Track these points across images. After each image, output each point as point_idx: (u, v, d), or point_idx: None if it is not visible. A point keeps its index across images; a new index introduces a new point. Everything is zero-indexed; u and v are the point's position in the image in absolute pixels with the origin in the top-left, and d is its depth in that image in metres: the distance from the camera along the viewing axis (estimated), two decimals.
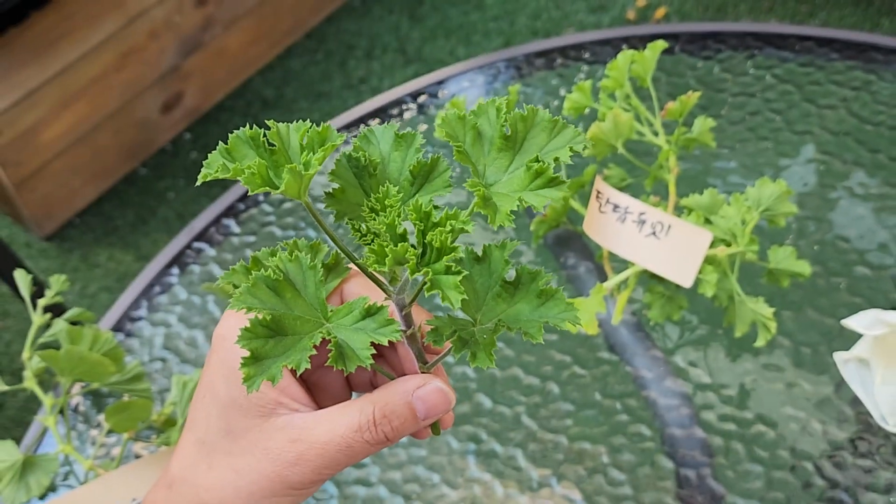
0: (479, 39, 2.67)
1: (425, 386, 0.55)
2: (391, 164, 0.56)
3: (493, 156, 0.54)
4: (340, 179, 0.55)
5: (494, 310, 0.55)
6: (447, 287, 0.48)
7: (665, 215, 0.96)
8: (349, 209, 0.55)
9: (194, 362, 1.08)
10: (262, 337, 0.50)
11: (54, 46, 2.18)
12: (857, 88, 1.19)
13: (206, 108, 2.60)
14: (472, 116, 0.54)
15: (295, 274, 0.52)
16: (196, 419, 0.56)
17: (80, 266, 2.34)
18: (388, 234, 0.51)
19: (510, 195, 0.52)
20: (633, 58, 1.02)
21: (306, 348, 0.50)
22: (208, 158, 0.52)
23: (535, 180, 0.51)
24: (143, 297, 1.15)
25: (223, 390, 0.55)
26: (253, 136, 0.53)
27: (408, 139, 0.56)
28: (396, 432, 0.54)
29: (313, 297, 0.52)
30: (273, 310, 0.51)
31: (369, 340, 0.50)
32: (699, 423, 0.96)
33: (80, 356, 0.90)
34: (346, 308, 0.52)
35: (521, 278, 0.55)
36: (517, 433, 0.98)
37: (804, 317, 1.02)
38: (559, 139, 0.53)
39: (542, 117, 0.54)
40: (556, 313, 0.54)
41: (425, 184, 0.55)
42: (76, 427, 1.04)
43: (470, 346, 0.53)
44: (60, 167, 2.32)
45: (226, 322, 0.56)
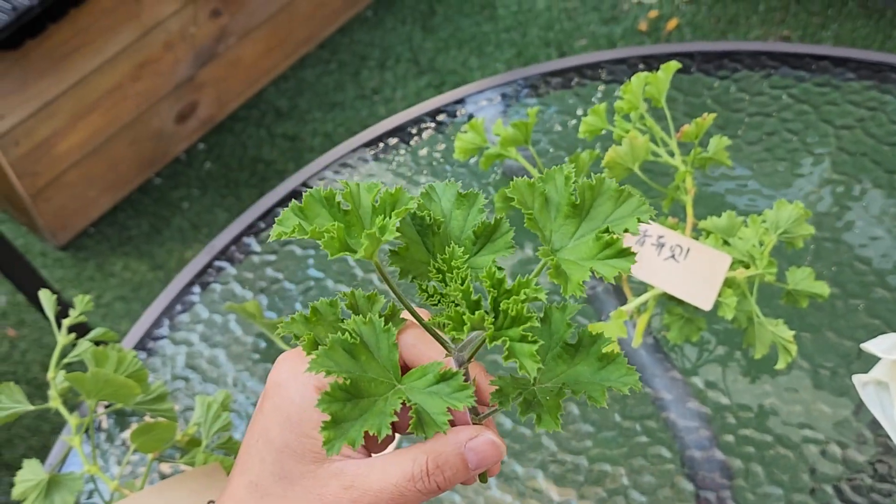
0: (491, 50, 2.68)
1: (477, 438, 0.55)
2: (453, 222, 0.57)
3: (560, 222, 0.55)
4: (404, 237, 0.56)
5: (554, 370, 0.56)
6: (524, 356, 0.50)
7: (684, 238, 0.97)
8: (412, 266, 0.56)
9: (217, 381, 1.09)
10: (340, 400, 0.51)
11: (70, 58, 2.19)
12: (873, 109, 1.20)
13: (221, 119, 2.62)
14: (540, 184, 0.55)
15: (369, 336, 0.53)
16: (249, 462, 0.57)
17: (96, 275, 2.35)
18: (464, 301, 0.52)
19: (580, 264, 0.53)
20: (647, 79, 1.03)
21: (385, 413, 0.51)
22: (281, 216, 0.54)
23: (605, 250, 0.52)
24: (164, 315, 1.16)
25: (278, 436, 0.55)
26: (327, 197, 0.54)
27: (470, 199, 0.57)
28: (448, 482, 0.55)
29: (386, 360, 0.54)
30: (349, 372, 0.52)
31: (445, 406, 0.52)
32: (719, 445, 0.97)
33: (105, 378, 0.90)
34: (419, 371, 0.54)
35: (583, 341, 0.56)
36: (538, 454, 0.99)
37: (823, 339, 1.02)
38: (624, 207, 0.54)
39: (608, 186, 0.54)
40: (617, 377, 0.55)
41: (487, 243, 0.56)
42: (100, 446, 1.05)
43: (534, 408, 0.54)
44: (76, 177, 2.33)
45: (279, 368, 0.57)
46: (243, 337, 1.13)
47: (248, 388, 1.09)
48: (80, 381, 0.90)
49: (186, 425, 1.05)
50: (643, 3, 2.72)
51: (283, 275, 1.18)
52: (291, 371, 0.56)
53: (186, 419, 1.06)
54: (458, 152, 1.13)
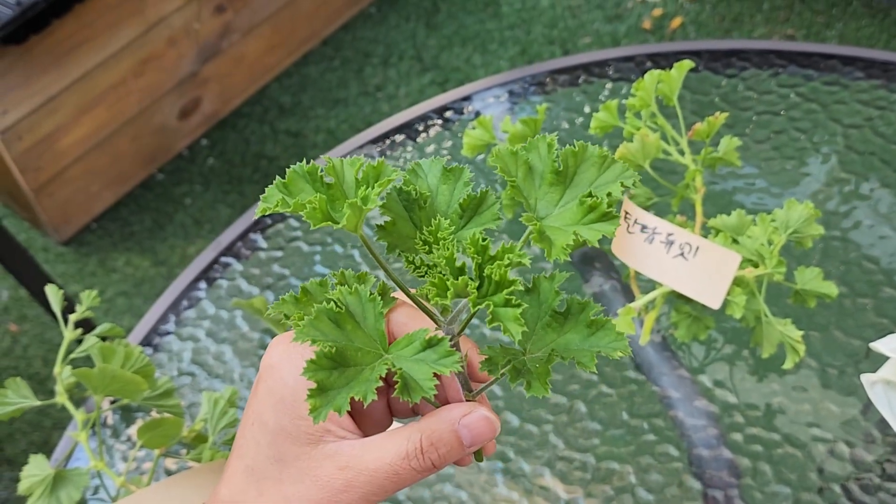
0: (495, 48, 2.68)
1: (471, 414, 0.55)
2: (439, 197, 0.57)
3: (545, 190, 0.55)
4: (391, 212, 0.57)
5: (544, 339, 0.56)
6: (508, 319, 0.50)
7: (693, 236, 0.97)
8: (400, 241, 0.57)
9: (223, 378, 1.09)
10: (325, 368, 0.51)
11: (74, 53, 2.19)
12: (882, 108, 1.19)
13: (224, 115, 2.61)
14: (523, 152, 0.55)
15: (355, 306, 0.54)
16: (244, 446, 0.57)
17: (98, 271, 2.35)
18: (448, 268, 0.52)
19: (564, 229, 0.53)
20: (660, 77, 1.03)
21: (371, 379, 0.51)
22: (266, 192, 0.54)
23: (589, 214, 0.53)
24: (170, 311, 1.15)
25: (272, 419, 0.55)
26: (310, 172, 0.55)
27: (456, 173, 0.58)
28: (443, 459, 0.55)
29: (373, 329, 0.54)
30: (335, 342, 0.52)
31: (432, 371, 0.51)
32: (726, 444, 0.97)
33: (112, 374, 0.90)
34: (405, 339, 0.54)
35: (571, 309, 0.56)
36: (545, 452, 0.98)
37: (830, 338, 1.02)
38: (608, 174, 0.55)
39: (591, 153, 0.55)
40: (606, 343, 0.55)
41: (474, 216, 0.57)
42: (105, 442, 1.05)
43: (524, 375, 0.54)
44: (79, 172, 2.33)
45: (273, 351, 0.57)
46: (250, 333, 1.13)
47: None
48: (88, 377, 0.90)
49: (193, 421, 1.05)
50: (647, 2, 2.71)
51: (289, 271, 1.18)
52: (285, 353, 0.56)
53: (193, 415, 1.06)
54: (466, 149, 1.12)
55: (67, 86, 2.20)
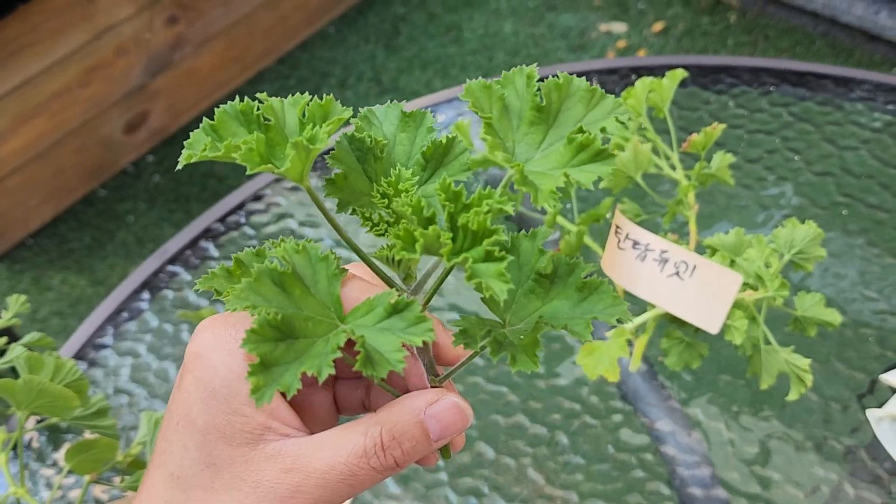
0: (456, 73, 2.61)
1: (439, 402, 0.47)
2: (398, 147, 0.49)
3: (524, 130, 0.47)
4: (342, 164, 0.48)
5: (526, 308, 0.48)
6: (490, 276, 0.41)
7: (690, 254, 0.89)
8: (353, 197, 0.48)
9: (164, 397, 0.99)
10: (270, 340, 0.42)
11: (16, 58, 2.07)
12: (877, 130, 1.13)
13: (172, 131, 2.51)
14: (498, 86, 0.47)
15: (303, 267, 0.44)
16: (167, 451, 0.47)
17: (31, 289, 2.22)
18: (415, 217, 0.43)
19: (550, 173, 0.45)
20: (652, 86, 0.96)
21: (326, 352, 0.42)
22: (191, 137, 0.45)
23: (580, 154, 0.44)
24: (108, 322, 1.05)
25: (201, 415, 0.46)
26: (244, 111, 0.46)
27: (417, 118, 0.50)
28: (407, 456, 0.47)
29: (325, 294, 0.45)
30: (280, 309, 0.43)
31: (400, 342, 0.42)
32: (721, 483, 0.88)
33: (40, 387, 0.79)
34: (365, 306, 0.44)
35: (558, 270, 0.48)
36: (523, 488, 0.89)
37: (832, 369, 0.95)
38: (598, 110, 0.47)
39: (578, 86, 0.47)
40: (602, 308, 0.47)
41: (440, 167, 0.49)
42: (29, 466, 0.94)
43: (507, 347, 0.45)
44: (16, 184, 2.20)
45: (200, 336, 0.47)
46: None
47: None
48: (11, 390, 0.79)
49: (129, 445, 0.94)
50: (611, 33, 2.67)
51: None
52: (214, 339, 0.46)
53: (129, 439, 0.95)
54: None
55: (7, 92, 2.09)
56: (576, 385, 0.95)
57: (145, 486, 0.48)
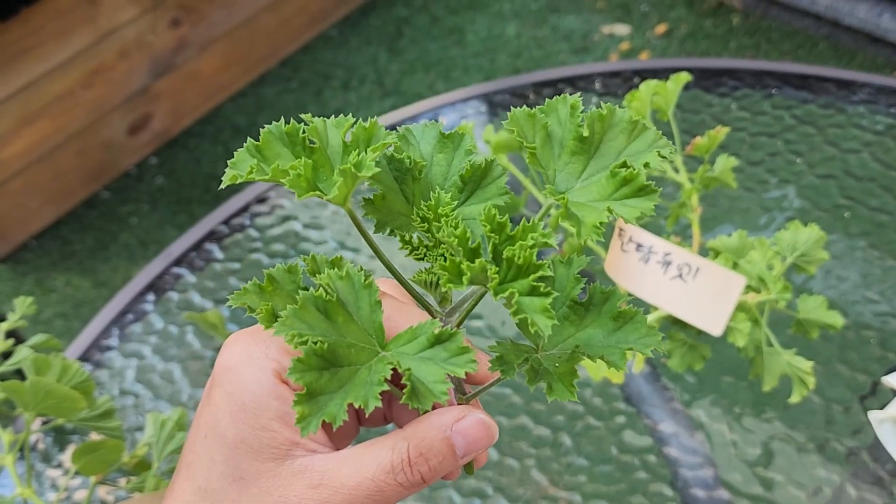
0: (458, 75, 2.62)
1: (465, 419, 0.47)
2: (434, 168, 0.49)
3: (565, 160, 0.47)
4: (380, 184, 0.48)
5: (560, 334, 0.48)
6: (535, 311, 0.41)
7: (693, 257, 0.89)
8: (390, 217, 0.48)
9: (170, 399, 0.99)
10: (315, 369, 0.42)
11: (18, 60, 2.08)
12: (880, 133, 1.14)
13: (175, 133, 2.51)
14: (542, 115, 0.47)
15: (346, 294, 0.44)
16: (196, 463, 0.47)
17: (35, 291, 2.22)
18: (461, 248, 0.43)
19: (594, 205, 0.45)
20: (656, 89, 0.96)
21: (371, 382, 0.42)
22: (234, 157, 0.46)
23: (622, 188, 0.44)
24: (114, 324, 1.05)
25: (230, 430, 0.46)
26: (289, 133, 0.46)
27: (455, 140, 0.49)
28: (433, 472, 0.47)
29: (367, 321, 0.45)
30: (323, 336, 0.43)
31: (444, 373, 0.43)
32: (724, 484, 0.89)
33: (47, 389, 0.80)
34: (408, 334, 0.45)
35: (593, 298, 0.48)
36: (526, 489, 0.89)
37: (834, 371, 0.95)
38: (639, 142, 0.46)
39: (620, 117, 0.47)
40: (636, 338, 0.47)
41: (477, 190, 0.48)
42: (35, 467, 0.94)
43: (543, 376, 0.46)
44: (18, 187, 2.21)
45: (230, 350, 0.48)
46: (201, 351, 1.02)
47: None
48: (18, 391, 0.80)
49: (135, 446, 0.94)
50: (615, 35, 2.67)
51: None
52: (245, 353, 0.46)
53: (135, 440, 0.95)
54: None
55: (10, 95, 2.09)
56: (579, 386, 0.96)
57: (172, 496, 0.48)
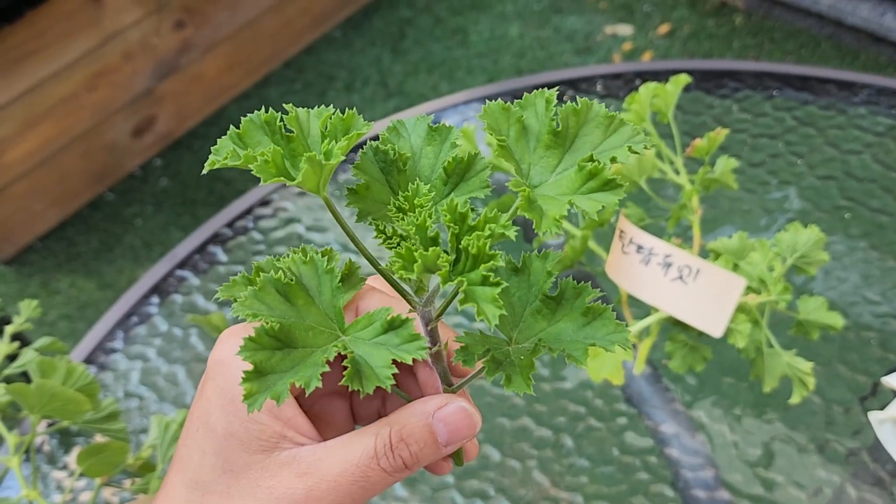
0: (462, 76, 2.62)
1: (447, 406, 0.48)
2: (423, 160, 0.50)
3: (540, 153, 0.47)
4: (365, 174, 0.49)
5: (533, 327, 0.49)
6: (484, 300, 0.41)
7: (693, 258, 0.90)
8: (373, 208, 0.49)
9: (174, 401, 1.00)
10: (268, 348, 0.43)
11: (23, 63, 2.08)
12: (881, 134, 1.14)
13: (179, 135, 2.52)
14: (517, 108, 0.47)
15: (309, 278, 0.46)
16: (187, 457, 0.48)
17: (40, 292, 2.23)
18: (418, 237, 0.44)
19: (558, 198, 0.45)
20: (656, 91, 0.97)
21: (318, 363, 0.43)
22: (217, 144, 0.46)
23: (588, 182, 0.45)
24: (119, 327, 1.06)
25: (220, 423, 0.47)
26: (268, 121, 0.47)
27: (442, 132, 0.50)
28: (415, 458, 0.48)
29: (328, 305, 0.46)
30: (282, 318, 0.44)
31: (391, 358, 0.43)
32: (724, 485, 0.89)
33: (52, 391, 0.80)
34: (365, 319, 0.46)
35: (565, 293, 0.48)
36: (528, 490, 0.90)
37: (834, 372, 0.95)
38: (616, 137, 0.47)
39: (596, 112, 0.47)
40: (603, 334, 0.47)
41: (460, 183, 0.49)
42: (41, 469, 0.95)
43: (505, 367, 0.46)
44: (23, 189, 2.21)
45: (223, 345, 0.49)
46: (205, 353, 1.03)
47: None
48: (24, 394, 0.80)
49: (139, 448, 0.95)
50: (617, 36, 2.67)
51: None
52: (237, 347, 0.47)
53: (139, 442, 0.96)
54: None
55: (15, 97, 2.10)
56: (581, 388, 0.96)
57: (165, 489, 0.49)
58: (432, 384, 0.50)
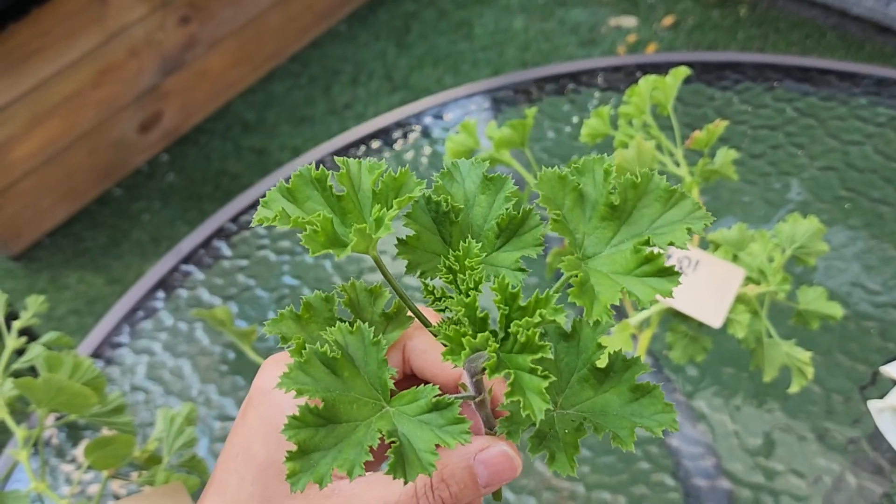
0: (467, 69, 2.63)
1: (489, 449, 0.48)
2: (476, 209, 0.48)
3: (595, 224, 0.46)
4: (416, 224, 0.48)
5: (579, 395, 0.48)
6: (530, 391, 0.40)
7: (693, 250, 0.90)
8: (424, 258, 0.48)
9: (180, 394, 1.01)
10: (311, 426, 0.42)
11: (29, 61, 2.10)
12: (881, 125, 1.14)
13: (185, 130, 2.53)
14: (574, 176, 0.46)
15: (355, 349, 0.44)
16: (225, 481, 0.49)
17: (49, 288, 2.25)
18: (467, 318, 0.43)
19: (611, 277, 0.44)
20: (656, 84, 0.97)
21: (361, 446, 0.42)
22: (266, 196, 0.45)
23: (643, 266, 0.43)
24: (125, 321, 1.07)
25: (261, 451, 0.48)
26: (319, 178, 0.46)
27: (497, 183, 0.48)
28: (454, 499, 0.48)
29: (374, 377, 0.45)
30: (327, 390, 0.43)
31: (434, 441, 0.42)
32: (725, 474, 0.90)
33: (59, 385, 0.81)
34: (411, 395, 0.45)
35: (614, 366, 0.47)
36: (530, 480, 0.91)
37: (834, 362, 0.96)
38: (675, 212, 0.45)
39: (656, 184, 0.45)
40: (651, 413, 0.46)
41: (513, 238, 0.47)
42: (49, 462, 0.96)
43: (548, 443, 0.46)
44: (31, 186, 2.23)
45: (267, 373, 0.49)
46: (210, 347, 1.04)
47: (213, 403, 1.00)
48: (31, 388, 0.81)
49: (145, 441, 0.96)
50: (622, 28, 2.68)
51: (255, 282, 1.09)
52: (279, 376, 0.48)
53: (146, 435, 0.97)
54: (449, 154, 1.06)
55: (21, 95, 2.11)
56: None
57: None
58: (475, 425, 0.50)
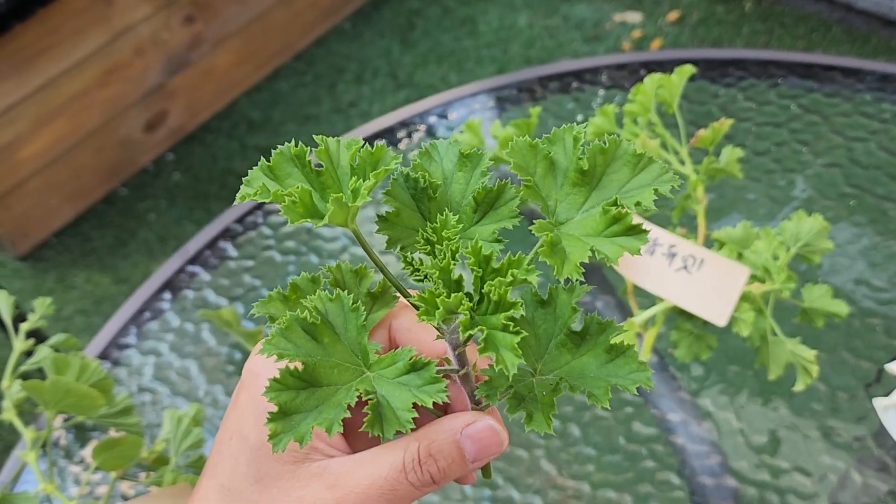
0: (471, 66, 2.63)
1: (475, 424, 0.48)
2: (454, 185, 0.50)
3: (567, 191, 0.47)
4: (396, 201, 0.49)
5: (557, 360, 0.49)
6: (503, 347, 0.42)
7: (698, 249, 0.91)
8: (403, 234, 0.49)
9: (187, 395, 1.01)
10: (292, 388, 0.44)
11: (35, 61, 2.10)
12: (886, 121, 1.14)
13: (191, 129, 2.53)
14: (545, 145, 0.47)
15: (335, 316, 0.46)
16: (220, 463, 0.50)
17: (56, 288, 2.25)
18: (442, 280, 0.44)
19: (582, 240, 0.45)
20: (661, 82, 0.97)
21: (340, 406, 0.44)
22: (249, 175, 0.47)
23: (612, 226, 0.45)
24: (132, 323, 1.07)
25: (253, 433, 0.48)
26: (298, 154, 0.47)
27: (473, 159, 0.50)
28: (443, 473, 0.48)
29: (354, 343, 0.46)
30: (308, 356, 0.45)
31: (412, 400, 0.44)
32: (731, 472, 0.90)
33: (67, 387, 0.82)
34: (389, 358, 0.46)
35: (590, 329, 0.48)
36: (536, 479, 0.91)
37: (839, 359, 0.96)
38: (643, 176, 0.46)
39: (624, 150, 0.47)
40: (626, 373, 0.47)
41: (490, 211, 0.49)
42: (57, 463, 0.96)
43: (526, 404, 0.47)
44: (38, 185, 2.24)
45: (258, 357, 0.50)
46: (217, 347, 1.05)
47: (220, 403, 1.00)
48: (39, 390, 0.82)
49: (153, 442, 0.97)
50: (626, 23, 2.67)
51: (261, 282, 1.10)
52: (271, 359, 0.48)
53: (153, 436, 0.98)
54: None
55: (27, 95, 2.12)
56: None
57: (197, 495, 0.51)
58: (461, 400, 0.51)
